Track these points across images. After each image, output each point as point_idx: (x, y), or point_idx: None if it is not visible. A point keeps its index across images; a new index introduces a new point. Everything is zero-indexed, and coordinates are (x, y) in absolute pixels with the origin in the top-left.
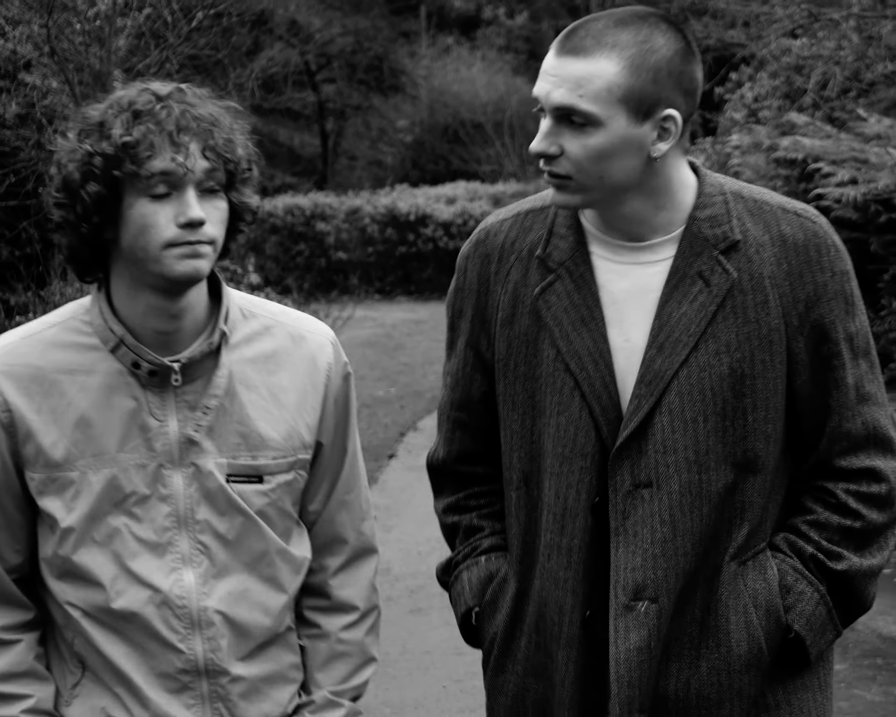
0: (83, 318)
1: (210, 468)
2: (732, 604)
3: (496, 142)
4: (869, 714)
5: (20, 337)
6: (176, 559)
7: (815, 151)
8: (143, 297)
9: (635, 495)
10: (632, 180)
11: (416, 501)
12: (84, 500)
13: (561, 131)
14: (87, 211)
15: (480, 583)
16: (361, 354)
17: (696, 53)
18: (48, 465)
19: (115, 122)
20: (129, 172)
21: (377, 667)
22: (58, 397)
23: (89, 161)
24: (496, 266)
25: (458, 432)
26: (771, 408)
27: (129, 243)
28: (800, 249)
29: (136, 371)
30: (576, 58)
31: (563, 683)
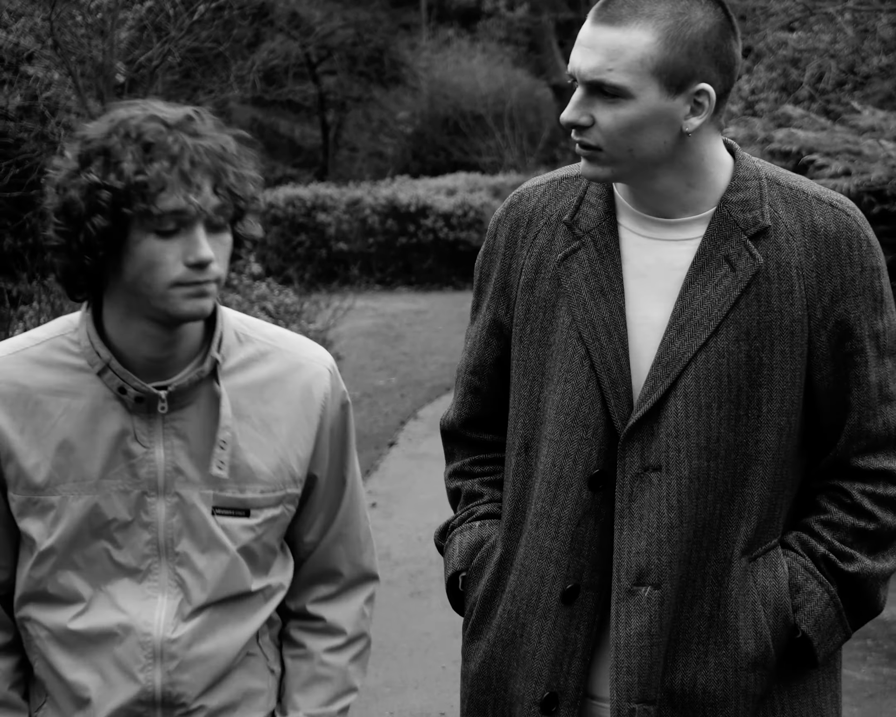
0: (71, 336)
1: (194, 500)
2: (742, 601)
3: (496, 133)
4: (858, 694)
5: (6, 353)
6: (153, 587)
7: (809, 143)
8: (138, 325)
9: (643, 478)
10: (663, 155)
11: (416, 488)
12: (64, 525)
13: (592, 102)
14: (90, 243)
15: (470, 548)
16: (362, 343)
17: (735, 29)
18: (28, 487)
19: (125, 153)
20: (139, 210)
21: (377, 649)
22: (42, 418)
23: (96, 194)
24: (525, 230)
25: (470, 397)
26: (786, 400)
27: (133, 278)
28: (830, 240)
29: (123, 396)
30: (610, 27)
31: (533, 655)
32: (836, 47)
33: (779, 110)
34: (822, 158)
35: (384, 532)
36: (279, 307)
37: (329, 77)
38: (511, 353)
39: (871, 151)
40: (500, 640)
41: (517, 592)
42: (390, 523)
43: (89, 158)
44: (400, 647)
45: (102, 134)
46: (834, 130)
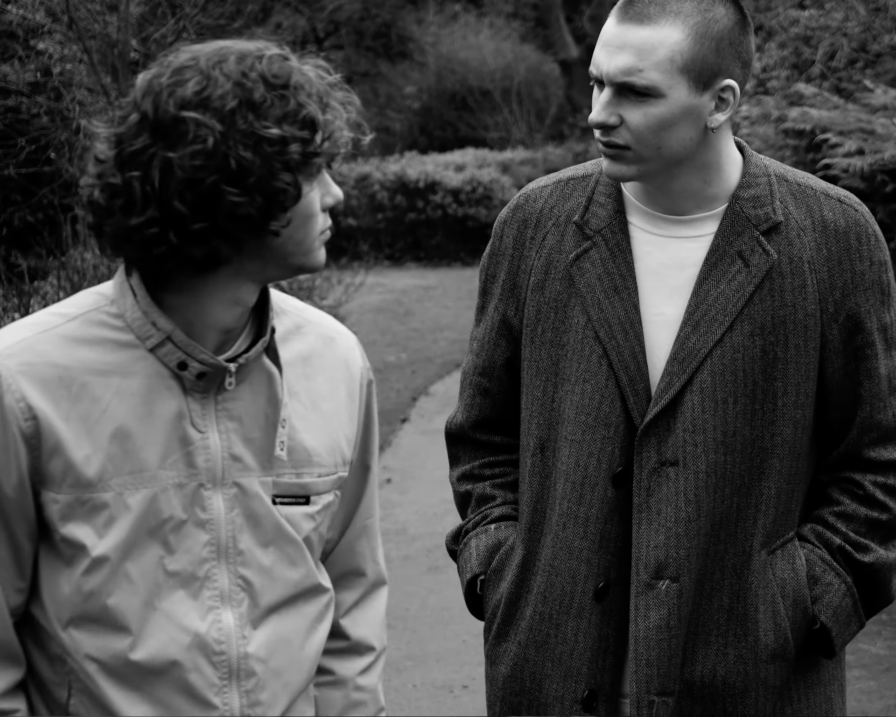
0: (108, 310)
1: (256, 489)
2: (761, 593)
3: (504, 109)
4: (874, 667)
5: (35, 332)
6: (214, 597)
7: (822, 122)
8: (236, 292)
9: (661, 473)
10: (688, 152)
11: (430, 464)
12: (120, 526)
13: (620, 101)
14: (273, 204)
15: (488, 551)
16: (372, 319)
17: (751, 25)
18: (78, 484)
19: (292, 99)
20: (328, 155)
21: (398, 623)
22: (89, 402)
23: (282, 149)
24: (532, 231)
25: (479, 398)
26: (801, 394)
27: (287, 236)
28: (840, 235)
29: (182, 373)
30: (639, 25)
31: (571, 654)
32: (848, 25)
33: (791, 89)
34: (836, 137)
35: (400, 508)
36: (292, 283)
37: (336, 52)
38: (521, 354)
39: (885, 130)
40: (532, 641)
41: (548, 593)
42: (405, 499)
43: (244, 112)
44: (420, 621)
45: (227, 86)
46: (847, 108)
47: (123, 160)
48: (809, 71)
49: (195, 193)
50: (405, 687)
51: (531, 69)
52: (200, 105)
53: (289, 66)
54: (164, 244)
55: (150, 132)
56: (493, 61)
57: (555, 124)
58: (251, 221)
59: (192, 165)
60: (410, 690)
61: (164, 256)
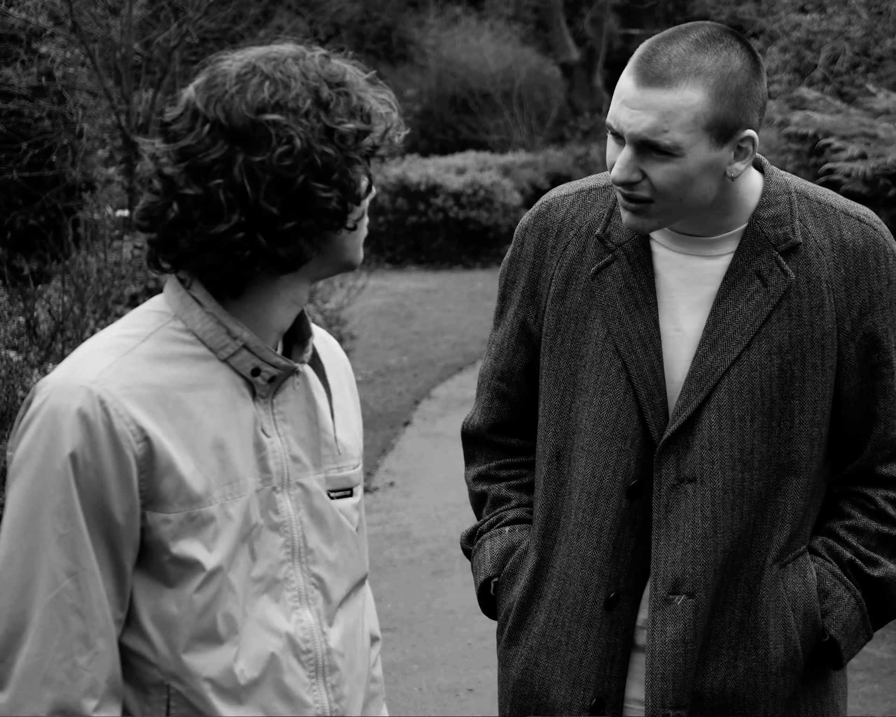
0: (175, 325)
1: (317, 487)
2: (772, 607)
3: (505, 112)
4: (878, 670)
5: (118, 355)
6: (293, 598)
7: (825, 126)
8: (292, 294)
9: (679, 490)
10: (708, 200)
11: (434, 467)
12: (225, 537)
13: (643, 159)
14: (351, 198)
15: (502, 553)
16: (373, 322)
17: (762, 66)
18: (189, 500)
19: (353, 95)
20: (388, 145)
21: (403, 627)
22: (184, 418)
23: (354, 145)
24: (553, 241)
25: (497, 402)
26: (818, 411)
27: (346, 232)
28: (858, 254)
29: (254, 379)
30: (661, 89)
31: (580, 662)
32: (850, 29)
33: (794, 93)
34: (839, 142)
35: (403, 511)
36: None
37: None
38: (540, 362)
39: (887, 134)
40: (544, 647)
41: (562, 601)
42: (409, 503)
43: (315, 111)
44: (425, 624)
45: (297, 87)
46: (849, 112)
47: (199, 171)
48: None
49: (285, 194)
50: (411, 691)
51: (532, 72)
52: (277, 107)
53: (338, 65)
54: (251, 248)
55: (227, 139)
56: (494, 64)
57: (556, 127)
58: (336, 215)
59: (281, 166)
60: (416, 693)
61: (249, 260)
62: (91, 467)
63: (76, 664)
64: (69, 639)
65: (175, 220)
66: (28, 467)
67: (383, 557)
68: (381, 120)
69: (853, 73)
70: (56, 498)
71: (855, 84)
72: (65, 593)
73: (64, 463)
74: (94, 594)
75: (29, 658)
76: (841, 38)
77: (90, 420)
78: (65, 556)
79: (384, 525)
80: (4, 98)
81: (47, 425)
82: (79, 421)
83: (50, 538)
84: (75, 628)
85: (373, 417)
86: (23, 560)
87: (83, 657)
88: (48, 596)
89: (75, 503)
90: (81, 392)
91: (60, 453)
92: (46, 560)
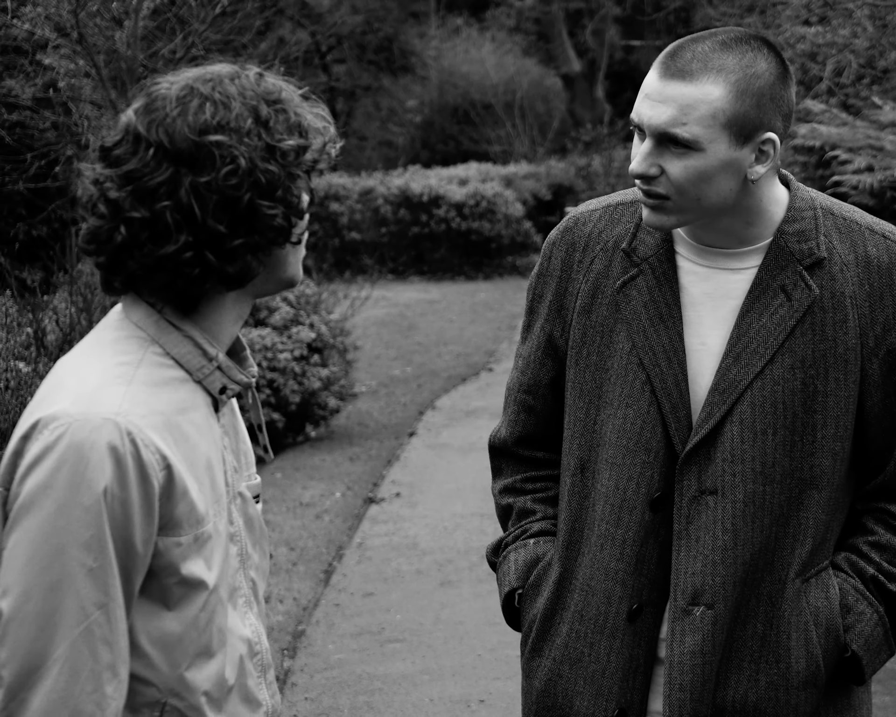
0: (155, 350)
1: (248, 494)
2: (794, 621)
3: (506, 123)
4: (890, 682)
5: (125, 384)
6: (244, 603)
7: (832, 139)
8: (238, 309)
9: (700, 501)
10: (728, 202)
11: (439, 477)
12: (218, 553)
13: (661, 153)
14: (295, 212)
15: (526, 565)
16: (376, 333)
17: (792, 76)
18: (197, 522)
19: (290, 112)
20: (327, 158)
21: (412, 638)
22: (184, 442)
23: (295, 160)
24: (580, 255)
25: (524, 415)
26: (840, 426)
27: (289, 247)
28: (883, 271)
29: (220, 397)
30: (682, 81)
31: (603, 673)
32: (855, 42)
33: (800, 105)
34: (845, 154)
35: (410, 522)
36: (300, 298)
37: (338, 65)
38: (566, 374)
39: (893, 147)
40: (567, 658)
41: (585, 612)
42: (415, 514)
43: (257, 129)
44: (434, 635)
45: (237, 106)
46: (855, 125)
47: (145, 194)
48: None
49: (232, 213)
50: (422, 702)
51: (534, 83)
52: (220, 128)
53: (273, 83)
54: (200, 266)
55: (172, 161)
56: (496, 75)
57: (557, 138)
58: (282, 231)
59: (227, 186)
60: (427, 704)
61: (199, 278)
62: (118, 500)
63: (105, 695)
64: (99, 670)
65: (123, 243)
66: (47, 503)
67: (391, 568)
68: (318, 134)
69: (858, 85)
70: (84, 533)
71: (860, 96)
72: (94, 625)
73: (96, 498)
74: (122, 625)
75: (53, 693)
76: (846, 50)
77: (119, 453)
78: (95, 589)
79: (391, 536)
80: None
81: (70, 460)
82: (108, 454)
83: (77, 573)
84: (105, 659)
85: (377, 427)
86: (44, 596)
87: (110, 687)
88: (77, 630)
89: (107, 537)
90: (108, 425)
91: (90, 488)
92: (74, 594)
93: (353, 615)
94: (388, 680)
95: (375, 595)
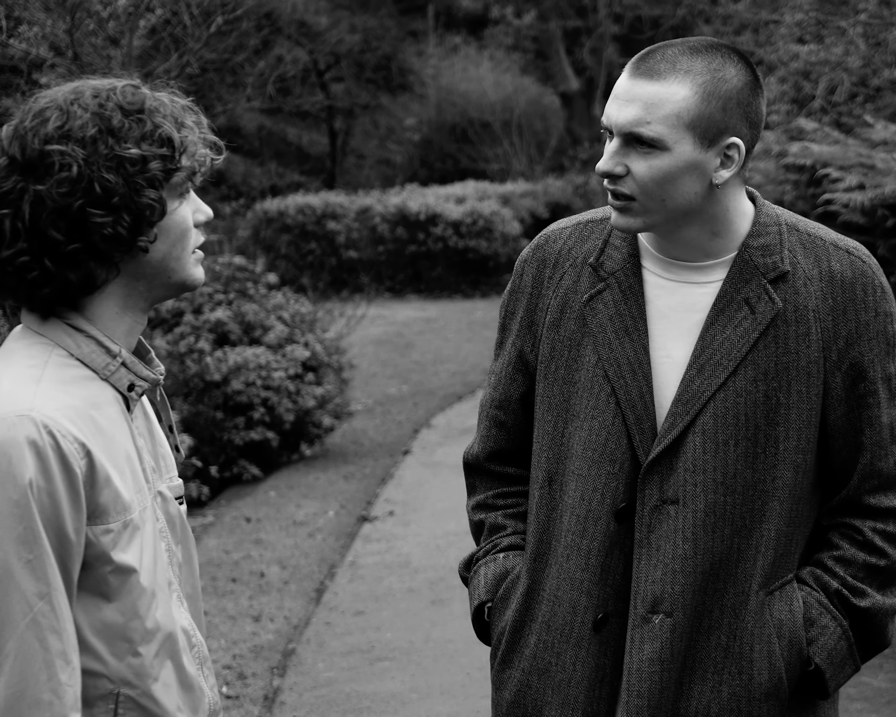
0: (59, 352)
1: (168, 494)
2: (757, 633)
3: (504, 141)
4: (876, 700)
5: (35, 382)
6: (178, 597)
7: (823, 157)
8: (130, 316)
9: (661, 511)
10: (692, 205)
11: (433, 496)
12: (146, 542)
13: (627, 152)
14: (141, 221)
15: (495, 579)
16: (373, 351)
17: (763, 88)
18: (124, 508)
19: (148, 120)
20: (188, 172)
21: (402, 656)
22: (101, 434)
23: (143, 167)
24: (551, 271)
25: (495, 430)
26: (803, 439)
27: (164, 254)
28: (846, 286)
29: (129, 394)
30: (649, 80)
31: (569, 682)
32: (848, 60)
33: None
34: (837, 172)
35: (403, 540)
36: (295, 317)
37: (337, 84)
38: (536, 389)
39: (885, 165)
40: (535, 669)
41: (552, 622)
42: (409, 532)
43: (104, 137)
44: (424, 654)
45: (85, 116)
46: (847, 143)
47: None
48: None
49: (67, 219)
50: None
51: (531, 101)
52: (63, 138)
53: (142, 93)
54: (37, 270)
55: (20, 172)
56: (494, 93)
57: (555, 156)
58: (120, 239)
59: (59, 193)
60: None
61: (37, 282)
62: (45, 492)
63: (60, 682)
64: (50, 659)
65: None
66: None
67: (383, 586)
68: (180, 144)
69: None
70: (17, 527)
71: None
72: (40, 615)
73: (23, 492)
74: (66, 612)
75: (9, 688)
76: (839, 68)
77: (39, 445)
78: (35, 580)
79: (384, 554)
80: None
81: None
82: (28, 449)
83: (15, 567)
84: (55, 647)
85: (372, 446)
86: None
87: (64, 674)
88: (23, 622)
89: (39, 528)
90: (24, 421)
91: (16, 482)
92: (15, 588)
93: (343, 633)
94: (378, 699)
95: (366, 614)
